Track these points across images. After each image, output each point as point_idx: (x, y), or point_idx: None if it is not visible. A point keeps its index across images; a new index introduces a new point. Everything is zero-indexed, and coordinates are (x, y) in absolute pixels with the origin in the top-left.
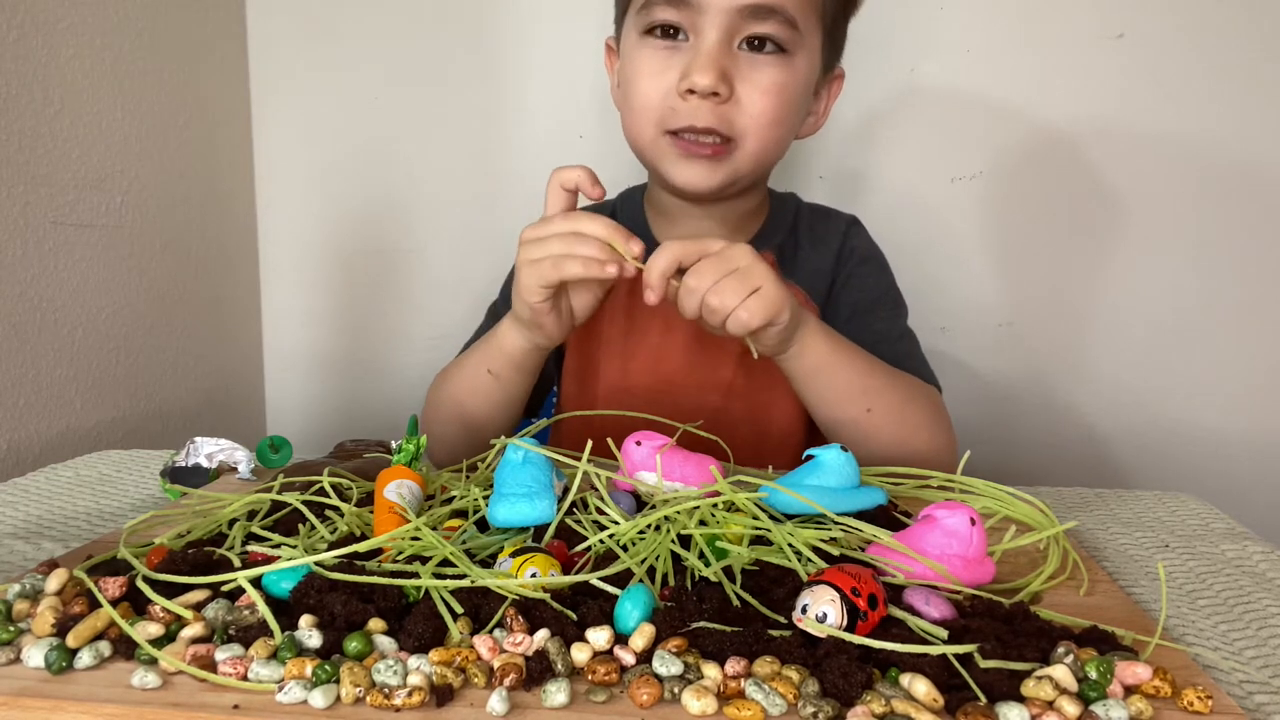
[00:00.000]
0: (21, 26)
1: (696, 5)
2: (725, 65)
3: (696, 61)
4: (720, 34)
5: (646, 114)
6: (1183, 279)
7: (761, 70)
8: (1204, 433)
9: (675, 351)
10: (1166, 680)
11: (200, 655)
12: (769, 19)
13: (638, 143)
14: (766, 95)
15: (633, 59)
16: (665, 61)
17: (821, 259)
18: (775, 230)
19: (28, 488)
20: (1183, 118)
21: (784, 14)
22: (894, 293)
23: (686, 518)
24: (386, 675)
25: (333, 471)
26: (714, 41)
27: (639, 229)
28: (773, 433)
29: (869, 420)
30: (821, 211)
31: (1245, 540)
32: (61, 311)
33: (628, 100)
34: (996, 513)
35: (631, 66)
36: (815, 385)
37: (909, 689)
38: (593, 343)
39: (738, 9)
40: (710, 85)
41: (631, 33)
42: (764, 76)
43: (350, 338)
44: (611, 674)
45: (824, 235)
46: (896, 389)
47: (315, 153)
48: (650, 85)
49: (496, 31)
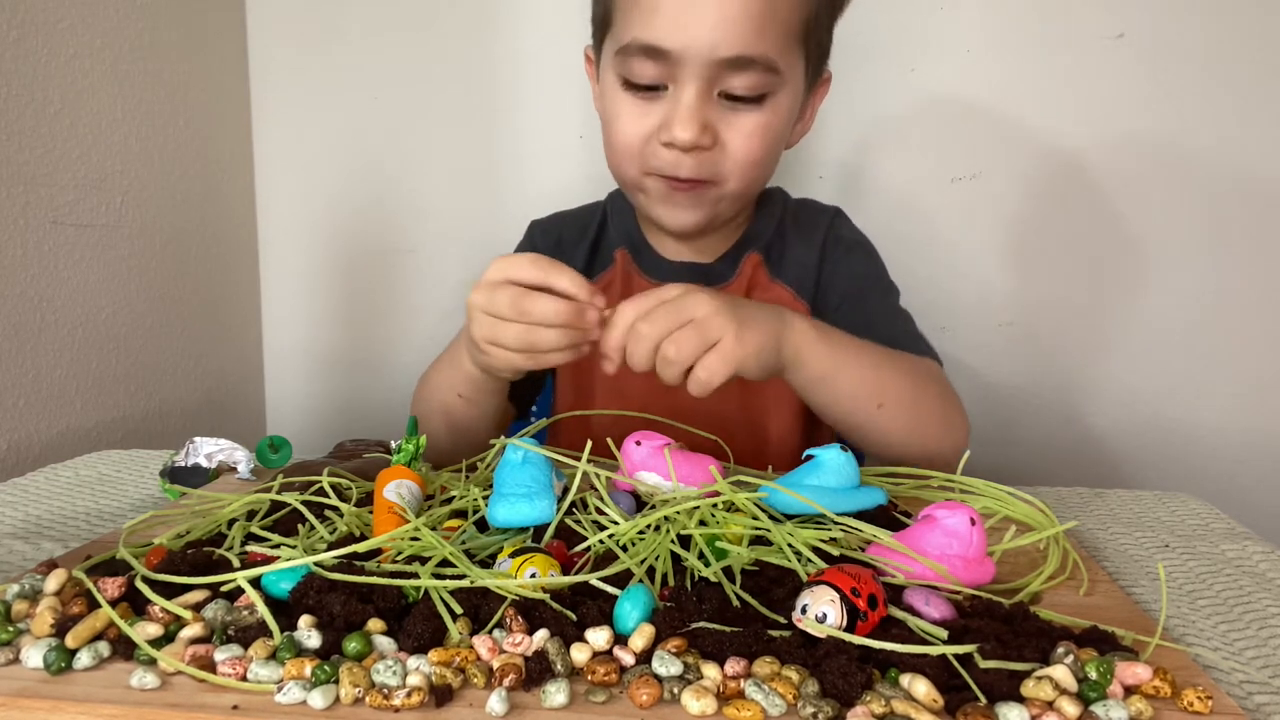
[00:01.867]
0: (21, 26)
1: (675, 58)
2: (706, 117)
3: (677, 115)
4: (700, 84)
5: (628, 157)
6: (1183, 279)
7: (744, 116)
8: (1204, 433)
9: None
10: (1166, 680)
11: (199, 656)
12: (748, 69)
13: (620, 178)
14: (750, 139)
15: (612, 100)
16: (645, 108)
17: (807, 252)
18: (762, 231)
19: (27, 488)
20: (1182, 118)
21: (763, 61)
22: (884, 277)
23: (686, 518)
24: (386, 676)
25: (332, 471)
26: (695, 93)
27: (629, 230)
28: (770, 437)
29: (882, 415)
30: (806, 205)
31: (1245, 540)
32: (61, 311)
33: (608, 139)
34: (996, 513)
35: (611, 108)
36: (821, 392)
37: (909, 689)
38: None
39: (716, 62)
40: (692, 140)
41: (609, 71)
42: (747, 122)
43: (350, 338)
44: (611, 674)
45: (809, 228)
46: (903, 377)
47: (315, 153)
48: (631, 129)
49: (496, 31)
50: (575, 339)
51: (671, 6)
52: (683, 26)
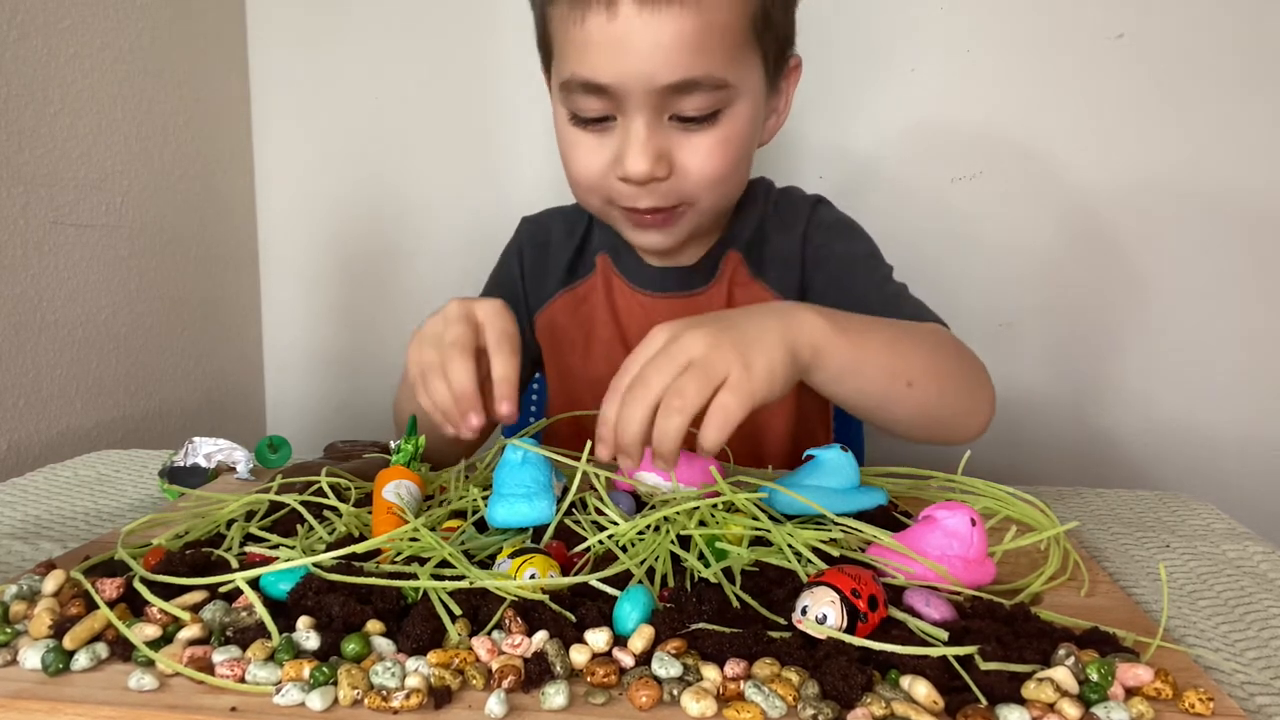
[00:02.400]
0: (21, 26)
1: (615, 92)
2: (658, 146)
3: (629, 149)
4: (649, 114)
5: (589, 191)
6: (1183, 278)
7: (699, 138)
8: (1204, 433)
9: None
10: (1168, 682)
11: (197, 657)
12: (694, 91)
13: (586, 208)
14: (710, 158)
15: (563, 134)
16: (597, 141)
17: (789, 244)
18: (743, 229)
19: (26, 488)
20: (1183, 118)
21: (709, 81)
22: (873, 254)
23: (686, 518)
24: (384, 677)
25: (331, 472)
26: (643, 124)
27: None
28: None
29: (914, 393)
30: (788, 195)
31: (1246, 540)
32: (61, 311)
33: (567, 173)
34: (997, 513)
35: (564, 142)
36: (847, 384)
37: (909, 691)
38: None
39: (658, 90)
40: (645, 173)
41: (558, 104)
42: (703, 143)
43: (350, 338)
44: (610, 676)
45: (790, 219)
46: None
47: (315, 153)
48: (586, 164)
49: (496, 32)
50: (452, 422)
51: (602, 40)
52: (617, 60)
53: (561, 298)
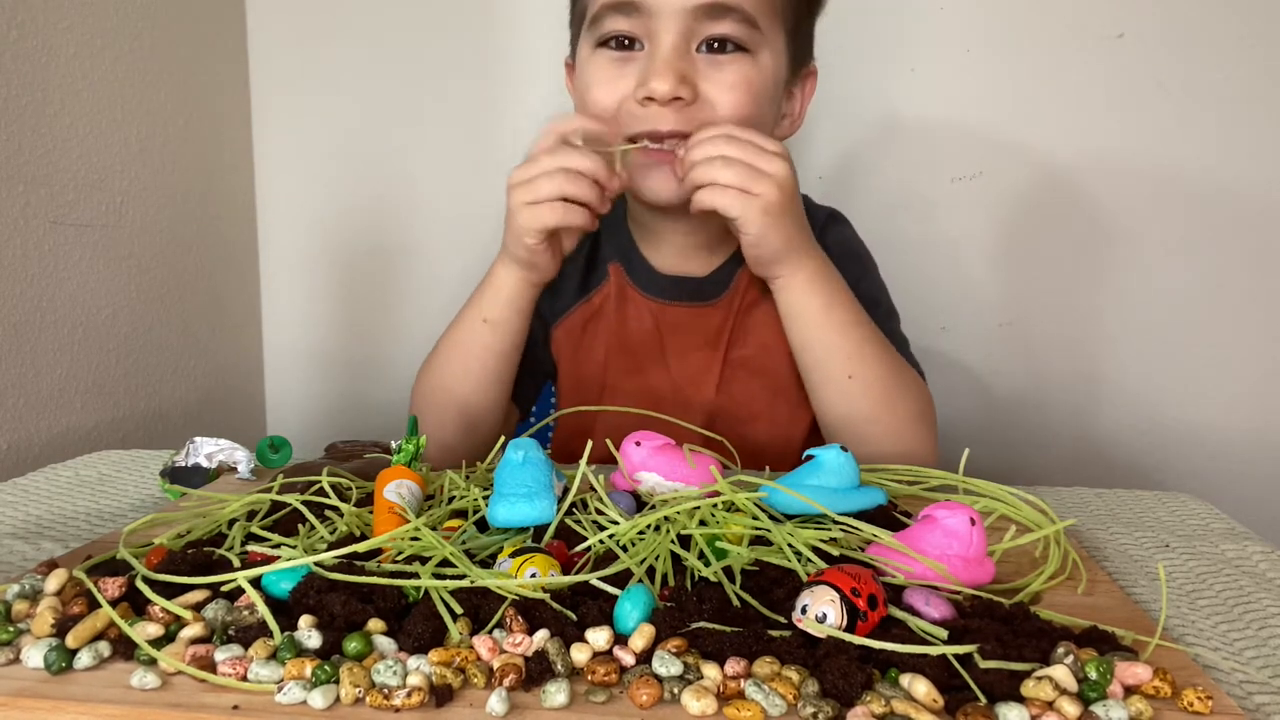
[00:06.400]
0: (21, 26)
1: (648, 9)
2: (684, 69)
3: (653, 67)
4: (676, 37)
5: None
6: (1183, 278)
7: (724, 69)
8: (1204, 433)
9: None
10: (1166, 681)
11: (200, 656)
12: (725, 17)
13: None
14: (734, 91)
15: (586, 70)
16: (619, 69)
17: None
18: None
19: (27, 488)
20: (1182, 118)
21: (741, 11)
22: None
23: (686, 518)
24: (386, 676)
25: (332, 472)
26: (670, 45)
27: (622, 243)
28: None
29: (851, 387)
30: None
31: (1245, 540)
32: (61, 311)
33: (585, 109)
34: (996, 512)
35: (585, 77)
36: (796, 329)
37: (909, 689)
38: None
39: (691, 10)
40: (669, 91)
41: (585, 47)
42: (728, 74)
43: (350, 338)
44: (611, 674)
45: None
46: (883, 364)
47: (315, 153)
48: (604, 93)
49: (496, 32)
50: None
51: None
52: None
53: (579, 309)
